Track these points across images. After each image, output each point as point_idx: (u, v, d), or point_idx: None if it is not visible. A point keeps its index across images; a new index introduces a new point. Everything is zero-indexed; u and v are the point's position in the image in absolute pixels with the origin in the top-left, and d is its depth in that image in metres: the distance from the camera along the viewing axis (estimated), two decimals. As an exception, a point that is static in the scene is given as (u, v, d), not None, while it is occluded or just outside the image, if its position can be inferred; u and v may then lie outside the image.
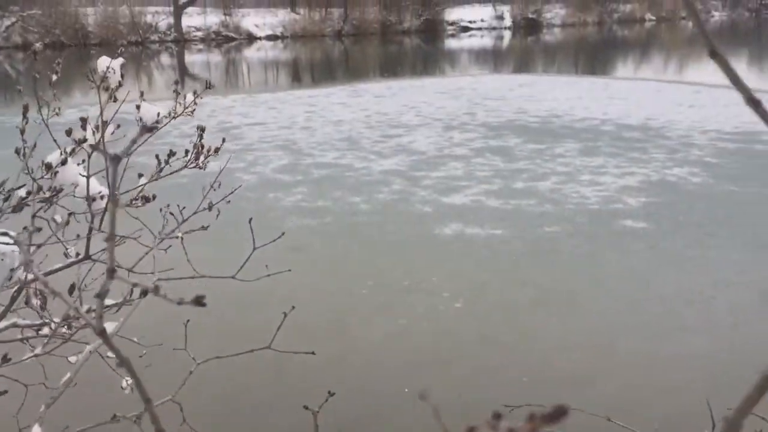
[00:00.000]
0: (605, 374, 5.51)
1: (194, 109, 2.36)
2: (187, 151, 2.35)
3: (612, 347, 5.94)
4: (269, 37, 50.41)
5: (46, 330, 1.92)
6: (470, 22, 59.05)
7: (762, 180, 10.78)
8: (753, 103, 0.51)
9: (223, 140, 2.30)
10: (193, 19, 50.42)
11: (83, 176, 1.94)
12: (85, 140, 1.83)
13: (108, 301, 2.11)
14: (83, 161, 1.98)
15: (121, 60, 2.20)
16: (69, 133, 1.88)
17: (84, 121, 1.83)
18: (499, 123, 16.36)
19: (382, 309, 6.76)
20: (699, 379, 5.37)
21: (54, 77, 1.92)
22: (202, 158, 2.12)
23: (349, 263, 7.96)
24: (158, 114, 2.63)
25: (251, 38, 49.98)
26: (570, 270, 7.68)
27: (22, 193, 1.97)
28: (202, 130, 2.12)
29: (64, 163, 1.90)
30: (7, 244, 1.75)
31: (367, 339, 6.24)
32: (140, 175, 2.50)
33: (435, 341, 6.14)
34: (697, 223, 8.87)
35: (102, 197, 1.97)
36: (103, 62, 2.15)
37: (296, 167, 12.23)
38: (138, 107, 2.60)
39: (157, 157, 2.44)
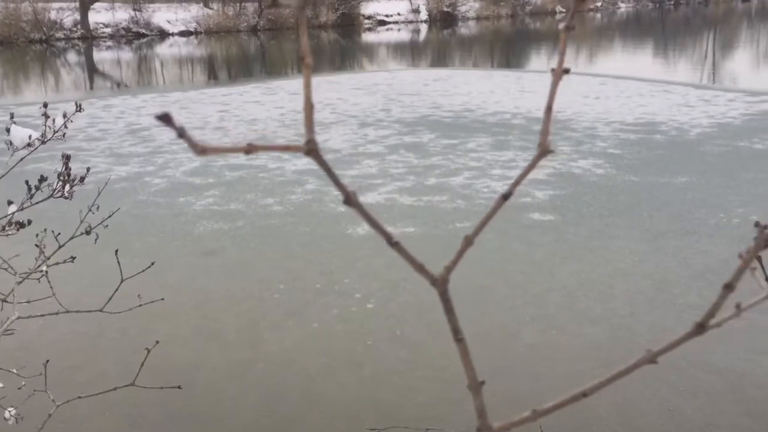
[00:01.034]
0: (510, 367, 5.68)
1: (65, 133, 2.29)
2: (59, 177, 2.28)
3: (517, 340, 6.13)
4: (182, 33, 49.20)
5: None
6: (387, 15, 59.33)
7: (660, 170, 11.31)
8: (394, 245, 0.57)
9: (87, 170, 2.23)
10: (101, 15, 48.65)
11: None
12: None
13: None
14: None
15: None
16: None
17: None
18: (413, 119, 16.54)
19: (295, 313, 6.75)
20: (598, 367, 5.61)
21: None
22: (67, 187, 2.05)
23: (261, 267, 7.90)
24: (30, 137, 2.55)
25: (163, 34, 48.64)
26: (480, 265, 7.86)
27: None
28: (67, 158, 2.05)
29: None
30: None
31: (278, 344, 6.22)
32: (9, 202, 2.42)
33: (347, 343, 6.18)
34: (599, 214, 9.23)
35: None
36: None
37: (208, 170, 12.02)
38: (8, 130, 2.51)
39: (27, 183, 2.35)
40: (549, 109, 0.61)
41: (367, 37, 49.82)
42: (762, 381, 5.36)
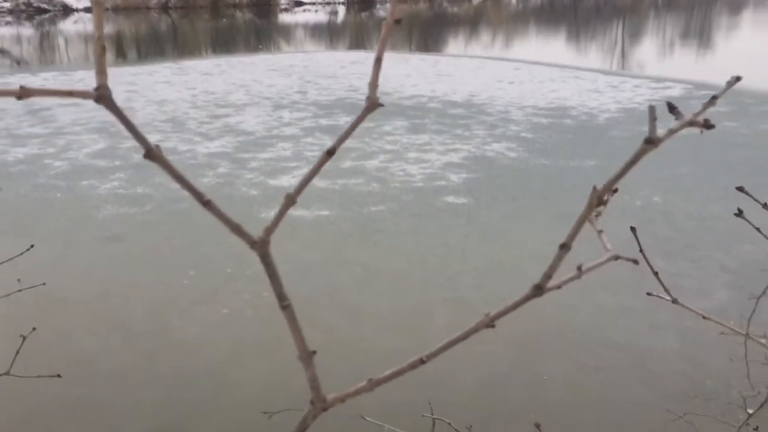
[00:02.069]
0: (424, 349, 5.68)
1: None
2: None
3: (431, 322, 6.15)
4: (88, 9, 47.05)
5: None
6: (304, -4, 58.55)
7: (569, 153, 11.60)
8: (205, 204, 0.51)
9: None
10: (0, -12, 45.95)
11: None
12: None
13: None
14: None
15: None
16: None
17: None
18: (329, 101, 16.38)
19: (204, 299, 6.55)
20: (508, 346, 5.69)
21: None
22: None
23: (169, 252, 7.63)
24: None
25: (67, 10, 46.40)
26: (395, 248, 7.85)
27: None
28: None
29: None
30: None
31: (186, 331, 6.02)
32: None
33: (258, 329, 6.04)
34: (512, 197, 9.38)
35: None
36: None
37: (114, 152, 11.51)
38: None
39: None
40: (378, 60, 0.56)
41: (284, 18, 49.06)
42: (662, 356, 5.57)
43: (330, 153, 0.57)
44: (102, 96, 0.46)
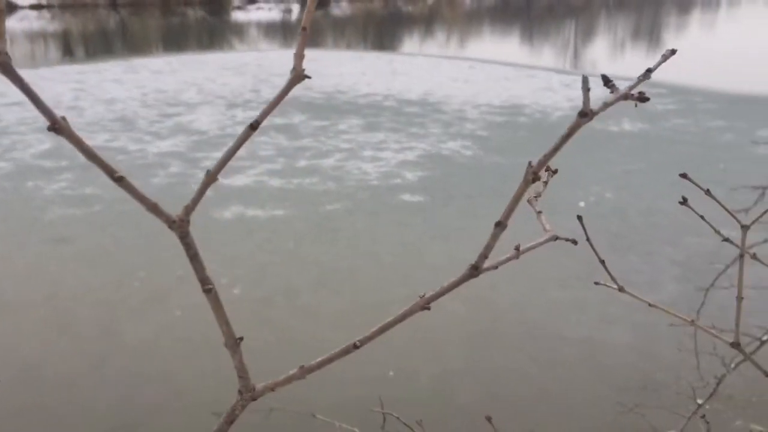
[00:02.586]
0: (378, 347, 5.66)
1: None
2: None
3: (387, 319, 6.12)
4: (33, 6, 45.80)
5: None
6: (257, -6, 58.03)
7: (524, 151, 11.70)
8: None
9: None
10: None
11: None
12: None
13: None
14: None
15: None
16: None
17: None
18: (284, 100, 16.19)
19: (155, 301, 6.41)
20: (464, 340, 5.71)
21: None
22: None
23: (119, 254, 7.44)
24: None
25: (11, 7, 45.08)
26: (351, 247, 7.81)
27: None
28: None
29: None
30: None
31: (137, 334, 5.88)
32: None
33: (211, 331, 5.90)
34: (467, 195, 9.42)
35: None
36: None
37: (60, 152, 11.19)
38: None
39: None
40: (304, 29, 0.53)
41: (237, 16, 48.53)
42: (613, 349, 5.65)
43: (253, 127, 0.54)
44: (1, 63, 0.42)
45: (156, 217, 0.54)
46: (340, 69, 21.58)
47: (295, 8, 55.19)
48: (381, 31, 41.08)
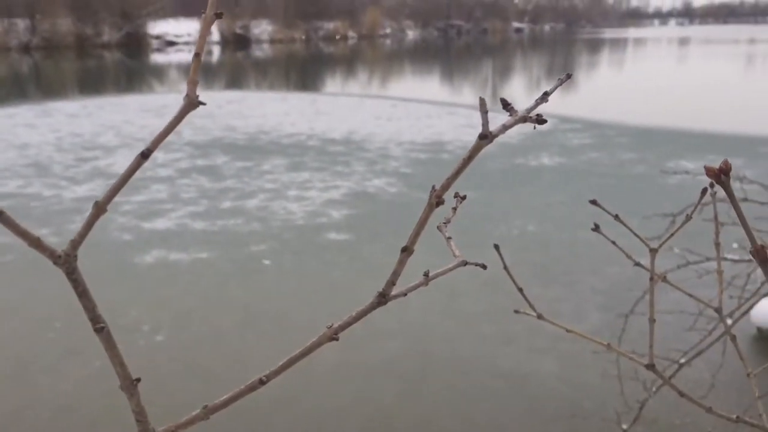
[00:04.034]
0: (309, 389, 5.55)
1: None
2: None
3: (314, 360, 6.02)
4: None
5: None
6: (176, 36, 57.53)
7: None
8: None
9: None
10: None
11: None
12: None
13: None
14: None
15: None
16: None
17: None
18: (206, 141, 16.01)
19: (72, 352, 6.11)
20: (396, 380, 5.66)
21: None
22: None
23: (33, 305, 7.09)
24: None
25: None
26: (277, 288, 7.69)
27: None
28: None
29: None
30: None
31: (54, 388, 5.58)
32: None
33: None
34: (393, 231, 9.46)
35: None
36: None
37: (-32, 199, 10.68)
38: None
39: None
40: (197, 55, 0.52)
41: (156, 58, 47.88)
42: (543, 379, 5.72)
43: (144, 155, 0.51)
44: None
45: (40, 253, 0.50)
46: (263, 110, 21.53)
47: (216, 50, 54.94)
48: (303, 72, 41.33)
